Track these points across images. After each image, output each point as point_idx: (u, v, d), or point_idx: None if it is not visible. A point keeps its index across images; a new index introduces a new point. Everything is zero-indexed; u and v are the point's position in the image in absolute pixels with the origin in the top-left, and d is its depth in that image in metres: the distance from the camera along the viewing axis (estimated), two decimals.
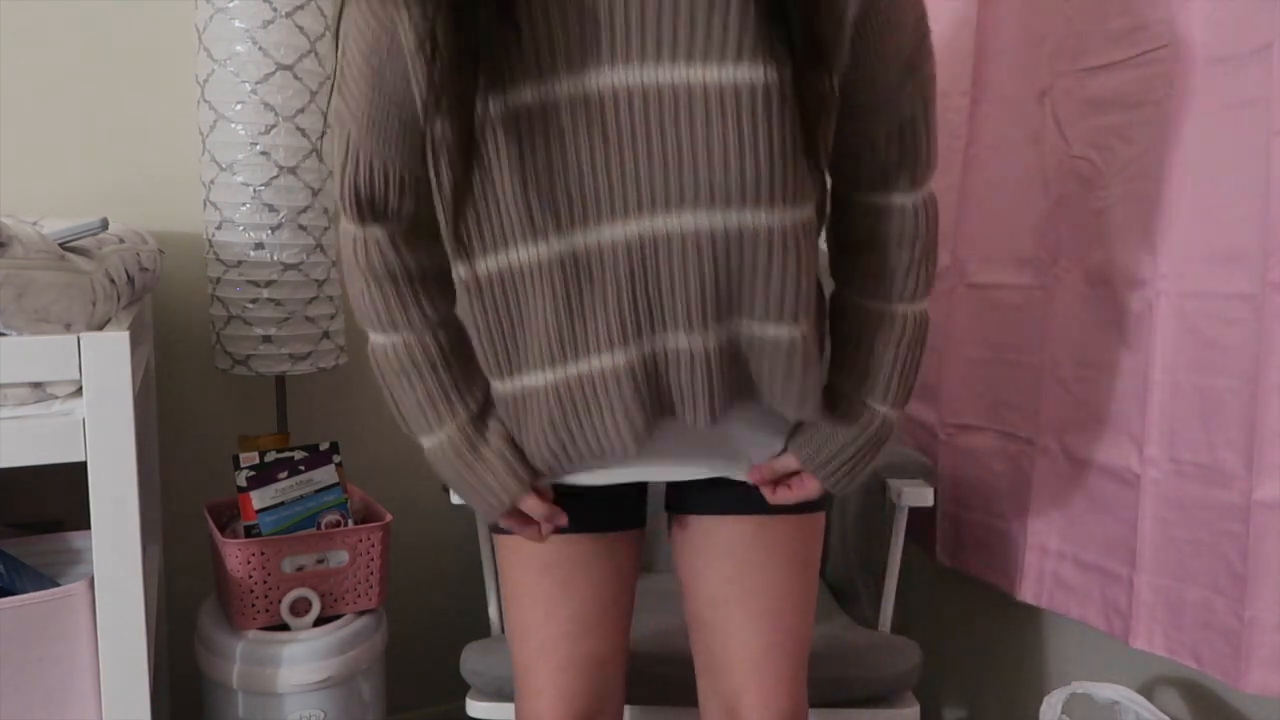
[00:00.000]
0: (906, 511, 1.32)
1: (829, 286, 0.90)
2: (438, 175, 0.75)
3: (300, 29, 1.35)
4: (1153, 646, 1.15)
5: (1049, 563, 1.32)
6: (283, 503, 1.35)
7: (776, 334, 0.76)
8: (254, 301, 1.37)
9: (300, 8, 1.35)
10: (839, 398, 0.86)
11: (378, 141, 0.77)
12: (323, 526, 1.36)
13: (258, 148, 1.34)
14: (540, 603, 0.93)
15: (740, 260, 0.73)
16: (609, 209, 0.72)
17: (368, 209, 0.80)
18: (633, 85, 0.70)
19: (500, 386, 0.83)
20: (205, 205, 1.39)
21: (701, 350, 0.76)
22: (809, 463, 0.85)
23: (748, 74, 0.68)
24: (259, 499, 1.33)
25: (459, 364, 0.84)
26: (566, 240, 0.73)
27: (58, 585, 0.98)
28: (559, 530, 0.88)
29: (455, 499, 1.08)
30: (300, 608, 1.31)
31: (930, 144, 0.81)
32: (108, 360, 0.86)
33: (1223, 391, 1.06)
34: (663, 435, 0.81)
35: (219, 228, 1.37)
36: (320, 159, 1.40)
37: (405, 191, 0.80)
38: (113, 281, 0.98)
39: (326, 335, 1.44)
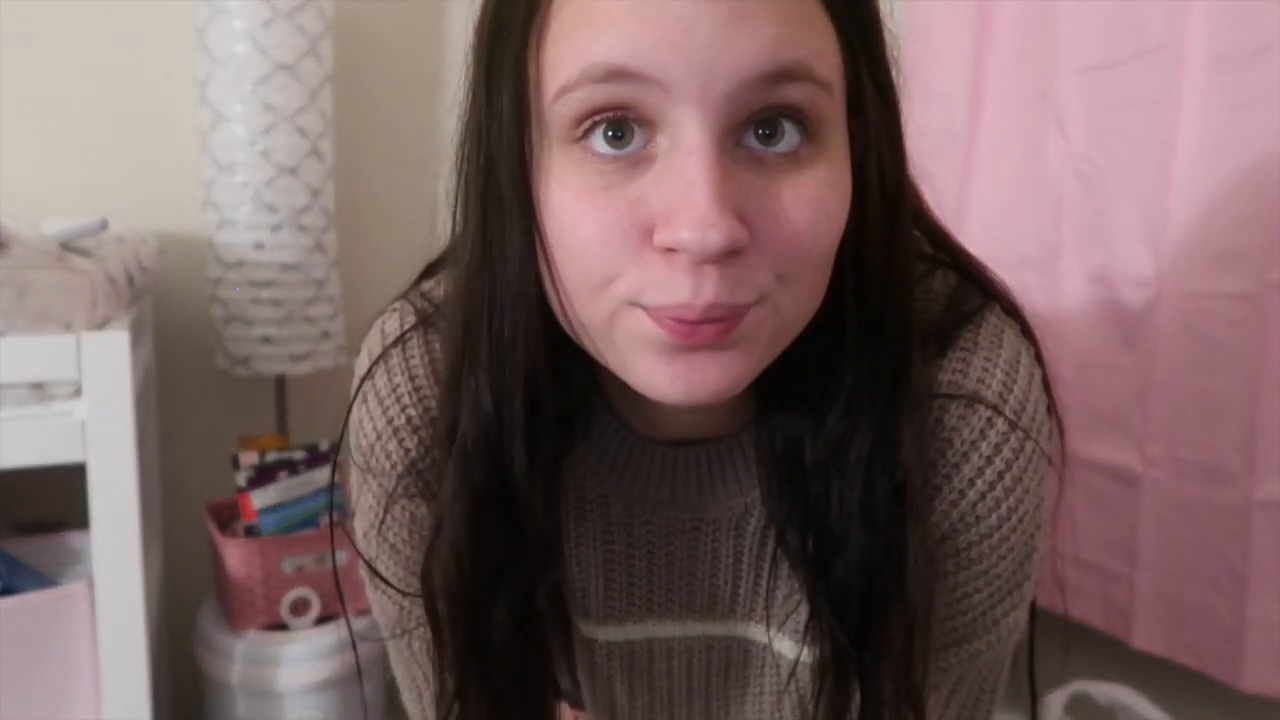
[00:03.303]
0: None
1: None
2: None
3: (300, 29, 1.35)
4: (1154, 646, 1.15)
5: (1050, 562, 1.31)
6: (283, 503, 1.35)
7: None
8: (254, 301, 1.37)
9: (300, 8, 1.34)
10: None
11: None
12: (323, 526, 1.36)
13: (258, 148, 1.34)
14: None
15: None
16: None
17: None
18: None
19: None
20: (205, 205, 1.39)
21: None
22: None
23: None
24: (259, 499, 1.33)
25: None
26: None
27: (57, 585, 0.98)
28: None
29: None
30: (300, 608, 1.31)
31: None
32: (108, 360, 0.86)
33: (1223, 391, 1.06)
34: None
35: (219, 228, 1.37)
36: (320, 159, 1.40)
37: None
38: (112, 282, 0.98)
39: (326, 335, 1.44)
